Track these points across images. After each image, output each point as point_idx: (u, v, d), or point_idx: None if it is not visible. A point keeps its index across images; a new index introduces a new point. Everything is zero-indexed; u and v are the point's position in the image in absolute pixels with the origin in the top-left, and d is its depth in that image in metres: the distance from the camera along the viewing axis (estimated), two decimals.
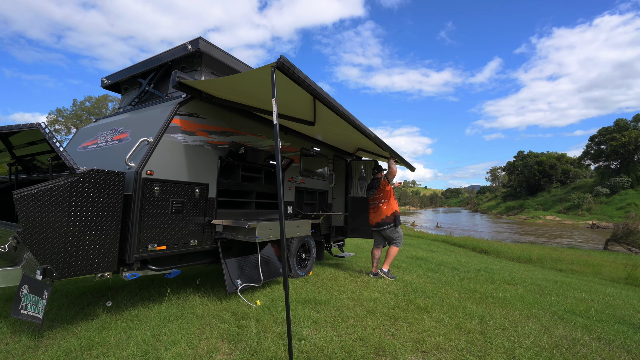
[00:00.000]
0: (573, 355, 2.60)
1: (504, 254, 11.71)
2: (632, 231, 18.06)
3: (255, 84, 2.96)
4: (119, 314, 3.10)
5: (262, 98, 3.35)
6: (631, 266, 9.36)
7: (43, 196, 2.32)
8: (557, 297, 4.68)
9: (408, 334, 2.84)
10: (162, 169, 3.09)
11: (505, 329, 3.09)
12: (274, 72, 2.12)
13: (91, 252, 2.58)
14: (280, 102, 3.45)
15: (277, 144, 2.10)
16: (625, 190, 46.57)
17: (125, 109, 4.47)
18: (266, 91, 3.06)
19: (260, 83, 2.83)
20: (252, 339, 2.59)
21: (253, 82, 2.90)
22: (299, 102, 3.23)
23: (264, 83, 2.78)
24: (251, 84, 2.98)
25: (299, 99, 3.15)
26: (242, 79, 2.93)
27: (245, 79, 2.90)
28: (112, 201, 2.72)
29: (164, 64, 4.06)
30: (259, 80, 2.78)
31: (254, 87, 3.06)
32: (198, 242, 3.45)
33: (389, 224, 5.25)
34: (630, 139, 50.05)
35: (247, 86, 3.07)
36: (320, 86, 2.81)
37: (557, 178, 64.17)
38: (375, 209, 5.40)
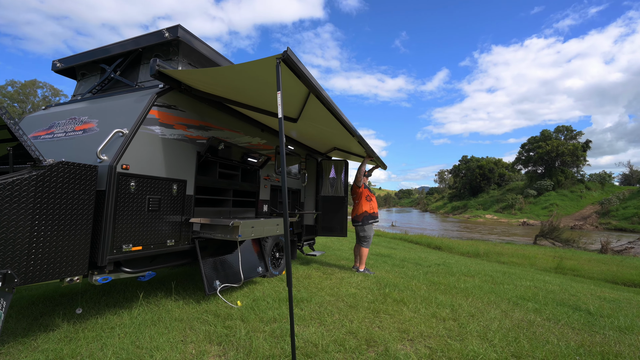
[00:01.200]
0: (532, 334, 2.95)
1: (456, 249, 12.71)
2: (555, 228, 20.83)
3: (244, 77, 2.88)
4: (83, 322, 2.80)
5: (249, 92, 3.27)
6: (558, 258, 10.78)
7: (3, 190, 2.02)
8: (508, 285, 5.24)
9: (392, 324, 2.99)
10: (139, 163, 2.87)
11: (473, 316, 3.39)
12: (279, 65, 2.10)
13: (59, 254, 2.31)
14: (266, 97, 3.39)
15: (282, 139, 2.07)
16: (549, 192, 53.30)
17: (84, 96, 4.04)
18: (255, 85, 3.00)
19: (251, 76, 2.76)
20: (243, 339, 2.52)
21: (243, 75, 2.82)
22: (288, 97, 3.20)
23: (255, 76, 2.72)
24: (240, 76, 2.89)
25: (290, 94, 3.13)
26: (229, 71, 2.84)
27: (234, 71, 2.81)
28: (83, 197, 2.46)
29: (133, 50, 3.74)
30: (250, 73, 2.72)
31: (242, 80, 2.97)
32: (175, 241, 3.25)
33: (358, 222, 5.60)
34: (553, 148, 57.48)
35: (235, 79, 2.98)
36: None
37: (494, 181, 71.18)
38: (353, 207, 5.73)
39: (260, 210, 4.82)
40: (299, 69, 2.38)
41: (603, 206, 42.40)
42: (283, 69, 2.39)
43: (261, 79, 2.78)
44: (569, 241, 19.49)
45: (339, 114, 3.42)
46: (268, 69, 2.44)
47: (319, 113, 3.54)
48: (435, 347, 2.52)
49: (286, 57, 2.17)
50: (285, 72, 2.46)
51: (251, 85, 2.97)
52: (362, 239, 5.55)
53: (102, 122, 3.10)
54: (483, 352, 2.44)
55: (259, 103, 3.59)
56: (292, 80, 2.67)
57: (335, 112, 3.35)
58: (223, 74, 2.86)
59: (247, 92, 3.24)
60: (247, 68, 2.59)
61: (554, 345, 2.66)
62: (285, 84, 2.72)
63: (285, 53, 2.16)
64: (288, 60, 2.22)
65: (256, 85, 3.00)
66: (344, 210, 6.79)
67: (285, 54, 2.16)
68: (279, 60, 2.12)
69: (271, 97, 3.18)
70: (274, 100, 3.40)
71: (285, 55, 2.16)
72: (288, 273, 2.11)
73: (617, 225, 34.99)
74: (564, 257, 10.90)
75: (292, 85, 2.81)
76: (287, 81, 2.67)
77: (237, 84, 3.08)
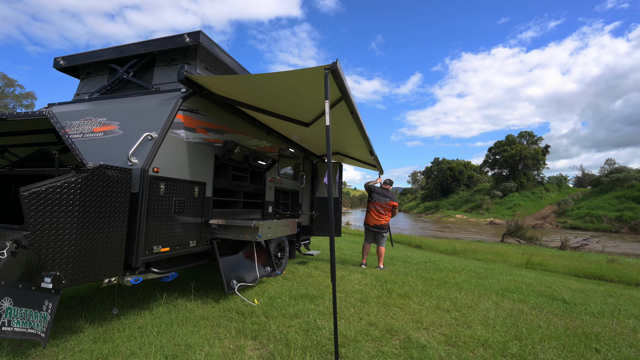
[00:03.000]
0: (524, 320, 3.35)
1: (435, 248, 13.39)
2: (520, 227, 22.48)
3: (275, 84, 3.03)
4: (109, 323, 2.83)
5: (272, 99, 3.41)
6: (527, 254, 11.72)
7: (53, 194, 2.06)
8: (491, 280, 5.73)
9: (404, 316, 3.27)
10: (167, 167, 2.94)
11: (471, 307, 3.76)
12: (327, 75, 2.29)
13: (100, 256, 2.36)
14: (282, 102, 3.53)
15: (329, 146, 2.27)
16: (513, 193, 56.96)
17: (92, 96, 3.98)
18: (282, 92, 3.15)
19: (284, 84, 2.92)
20: (276, 333, 2.69)
21: (273, 82, 2.97)
22: (311, 103, 3.38)
23: (287, 84, 2.88)
24: (270, 83, 3.04)
25: (315, 101, 3.29)
26: (259, 79, 2.97)
27: (264, 79, 2.96)
28: (119, 200, 2.51)
29: (148, 52, 3.76)
30: (285, 81, 2.87)
31: (269, 88, 3.12)
32: (196, 242, 3.34)
33: (386, 230, 6.23)
34: (516, 152, 61.49)
35: (262, 86, 3.12)
36: None
37: (464, 182, 74.86)
38: (379, 215, 6.19)
39: (265, 211, 4.96)
40: (342, 79, 2.58)
41: (560, 206, 46.01)
42: (315, 76, 2.58)
43: (292, 86, 2.96)
44: (532, 239, 21.08)
45: (362, 126, 3.66)
46: (307, 78, 2.62)
47: (340, 121, 3.76)
48: (449, 334, 2.83)
49: (335, 68, 2.37)
50: (317, 80, 2.65)
51: (278, 92, 3.13)
52: (382, 241, 6.25)
53: (125, 124, 3.13)
54: (490, 336, 2.78)
55: (281, 109, 3.75)
56: (321, 88, 2.86)
57: (360, 124, 3.58)
58: (253, 80, 3.00)
59: (270, 98, 3.38)
60: (287, 76, 2.74)
61: (545, 329, 3.06)
62: (313, 91, 2.91)
63: (334, 64, 2.36)
64: (335, 71, 2.41)
65: (285, 92, 3.15)
66: (339, 211, 7.06)
67: (334, 65, 2.36)
68: (328, 71, 2.32)
69: (294, 103, 3.35)
70: (290, 104, 3.57)
71: (334, 67, 2.36)
72: (332, 269, 2.31)
73: (572, 224, 38.16)
74: (531, 254, 11.86)
75: (321, 93, 2.99)
76: (317, 89, 2.86)
77: (263, 91, 3.23)
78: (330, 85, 2.78)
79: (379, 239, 6.24)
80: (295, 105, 3.49)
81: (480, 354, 2.44)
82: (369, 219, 6.22)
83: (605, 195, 41.58)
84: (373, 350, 2.46)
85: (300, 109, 3.63)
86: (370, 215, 6.22)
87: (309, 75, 2.57)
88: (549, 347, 2.63)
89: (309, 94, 3.07)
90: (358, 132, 4.06)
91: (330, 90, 2.85)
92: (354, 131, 4.07)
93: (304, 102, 3.36)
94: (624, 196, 38.39)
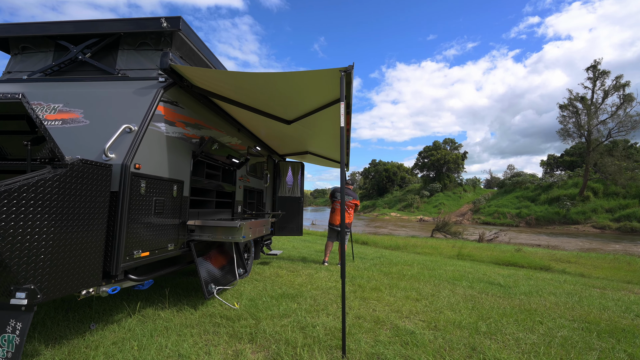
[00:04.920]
0: (479, 303, 3.87)
1: (380, 244, 14.30)
2: (446, 223, 25.38)
3: (272, 84, 2.97)
4: (68, 343, 2.46)
5: (259, 96, 3.33)
6: (457, 247, 13.30)
7: (27, 192, 1.73)
8: (439, 270, 6.42)
9: (384, 307, 3.51)
10: (147, 163, 2.67)
11: (434, 295, 4.19)
12: (343, 77, 2.35)
13: (77, 264, 2.05)
14: (269, 99, 3.47)
15: (342, 147, 2.33)
16: (438, 193, 63.63)
17: (32, 76, 3.36)
18: (277, 91, 3.10)
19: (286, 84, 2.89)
20: (273, 333, 2.66)
21: (273, 82, 2.92)
22: (305, 102, 3.38)
23: (290, 84, 2.86)
24: (265, 81, 2.97)
25: (310, 99, 3.30)
26: (262, 77, 2.88)
27: (266, 78, 2.88)
28: (98, 200, 2.21)
29: (112, 33, 3.32)
30: (287, 81, 2.84)
31: (258, 85, 3.05)
32: (174, 245, 3.08)
33: (349, 228, 6.47)
34: (441, 156, 68.92)
35: (255, 83, 3.04)
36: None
37: (397, 183, 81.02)
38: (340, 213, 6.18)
39: (235, 211, 4.77)
40: (351, 81, 2.65)
41: (475, 205, 52.95)
42: (322, 78, 2.63)
43: (292, 86, 2.94)
44: (456, 233, 24.00)
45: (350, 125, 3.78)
46: (315, 78, 2.64)
47: (328, 120, 3.82)
48: (427, 319, 3.14)
49: (350, 72, 2.43)
50: (323, 80, 2.69)
51: (273, 90, 3.07)
52: (346, 239, 6.25)
53: (91, 113, 2.74)
54: (461, 318, 3.17)
55: (264, 106, 3.66)
56: (324, 89, 2.90)
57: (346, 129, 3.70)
58: (250, 78, 2.90)
59: (258, 95, 3.30)
60: (294, 77, 2.72)
61: (499, 309, 3.60)
62: (314, 92, 2.93)
63: (351, 67, 2.42)
64: (349, 75, 2.48)
65: (280, 91, 3.11)
66: (300, 210, 7.12)
67: (350, 68, 2.42)
68: (344, 73, 2.38)
69: (284, 101, 3.33)
70: (284, 105, 3.54)
71: (350, 70, 2.42)
72: (342, 267, 2.38)
73: (484, 220, 44.22)
74: (459, 247, 13.50)
75: (321, 93, 3.03)
76: (320, 89, 2.89)
77: (251, 87, 3.13)
78: (336, 86, 2.83)
79: (341, 237, 6.49)
80: (284, 103, 3.46)
81: (459, 334, 2.78)
82: (334, 218, 6.40)
83: (508, 196, 49.15)
84: (371, 340, 2.61)
85: (287, 107, 3.61)
86: (335, 215, 6.41)
87: (320, 76, 2.60)
88: (507, 323, 3.11)
89: (308, 94, 3.09)
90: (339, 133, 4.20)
91: (335, 90, 2.91)
92: (337, 130, 4.18)
93: (297, 101, 3.36)
94: (522, 196, 45.90)
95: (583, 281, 6.30)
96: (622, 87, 36.09)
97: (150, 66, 3.34)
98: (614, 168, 34.63)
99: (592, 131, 37.70)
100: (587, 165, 37.92)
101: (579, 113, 38.84)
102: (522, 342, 2.64)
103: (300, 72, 2.63)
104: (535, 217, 37.88)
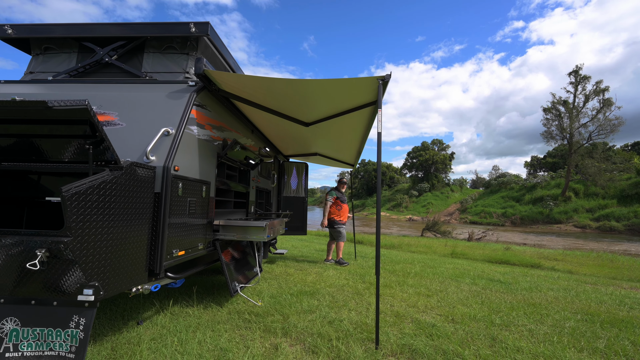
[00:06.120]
0: (486, 298, 4.11)
1: (374, 243, 14.59)
2: (436, 222, 25.99)
3: (294, 88, 3.10)
4: (108, 340, 2.53)
5: (283, 99, 3.45)
6: (450, 246, 13.70)
7: (92, 194, 1.82)
8: (440, 268, 6.67)
9: (400, 303, 3.69)
10: (183, 165, 2.76)
11: (442, 291, 4.41)
12: (381, 85, 2.51)
13: (130, 262, 2.14)
14: (293, 102, 3.59)
15: (379, 152, 2.48)
16: (426, 193, 64.80)
17: (57, 77, 3.38)
18: (299, 94, 3.23)
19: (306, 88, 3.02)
20: (305, 328, 2.79)
21: (298, 86, 3.04)
22: (330, 106, 3.51)
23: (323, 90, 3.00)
24: (290, 86, 3.09)
25: (337, 104, 3.44)
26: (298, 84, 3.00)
27: (274, 83, 3.01)
28: (145, 201, 2.30)
29: (139, 36, 3.38)
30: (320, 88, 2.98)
31: (289, 90, 3.17)
32: (203, 245, 3.18)
33: (344, 224, 6.58)
34: (430, 156, 70.21)
35: (281, 88, 3.15)
36: None
37: (386, 182, 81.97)
38: (341, 213, 6.47)
39: (249, 210, 4.87)
40: (385, 90, 2.81)
41: (462, 205, 54.21)
42: (355, 85, 2.78)
43: (325, 92, 3.08)
44: (446, 233, 24.60)
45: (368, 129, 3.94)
46: (350, 85, 2.78)
47: (345, 127, 3.97)
48: (444, 314, 3.34)
49: (388, 80, 2.59)
50: (355, 87, 2.84)
51: (300, 94, 3.20)
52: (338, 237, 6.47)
53: (126, 115, 2.81)
54: (475, 312, 3.38)
55: (286, 109, 3.78)
56: (353, 94, 3.04)
57: (369, 128, 3.86)
58: (280, 84, 3.02)
59: (283, 98, 3.41)
60: (329, 84, 2.85)
61: (506, 303, 3.84)
62: (344, 96, 3.08)
63: (388, 76, 2.58)
64: (386, 84, 2.63)
65: (304, 95, 3.24)
66: (305, 210, 7.26)
67: (388, 77, 2.58)
68: (381, 82, 2.54)
69: (308, 105, 3.47)
70: (309, 108, 3.67)
71: (388, 79, 2.58)
72: (377, 265, 2.54)
73: (471, 220, 45.36)
74: (452, 246, 13.90)
75: (349, 99, 3.17)
76: (348, 94, 3.04)
77: (284, 92, 3.25)
78: (371, 92, 2.98)
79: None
80: (309, 106, 3.58)
81: (476, 326, 2.98)
82: (336, 215, 6.56)
83: (494, 196, 50.55)
84: (397, 332, 2.78)
85: (311, 110, 3.72)
86: (340, 213, 6.57)
87: (354, 83, 2.75)
88: (517, 316, 3.34)
89: (337, 99, 3.23)
90: (360, 136, 4.35)
91: (368, 96, 3.05)
92: (357, 134, 4.34)
93: (323, 105, 3.49)
94: (507, 196, 47.31)
95: (574, 278, 6.68)
96: (602, 91, 37.69)
97: (175, 69, 3.42)
98: (594, 170, 36.14)
99: (573, 134, 39.23)
100: (569, 166, 39.42)
101: (562, 116, 40.34)
102: (535, 332, 2.86)
103: (337, 80, 2.77)
104: (520, 217, 39.10)
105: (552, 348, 2.51)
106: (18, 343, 1.86)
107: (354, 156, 6.35)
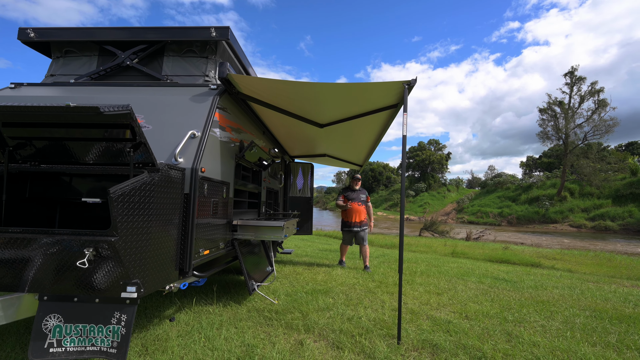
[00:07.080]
0: (495, 295, 4.22)
1: (375, 243, 14.68)
2: (434, 222, 26.19)
3: (316, 91, 3.18)
4: (144, 332, 2.60)
5: (302, 102, 3.53)
6: (450, 246, 13.85)
7: (134, 195, 1.89)
8: (445, 267, 6.79)
9: (413, 300, 3.79)
10: (208, 167, 2.83)
11: (452, 290, 4.51)
12: (406, 89, 2.60)
13: (164, 261, 2.21)
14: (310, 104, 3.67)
15: (404, 155, 2.57)
16: (423, 193, 65.21)
17: (79, 80, 3.43)
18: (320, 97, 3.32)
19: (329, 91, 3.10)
20: (326, 325, 2.87)
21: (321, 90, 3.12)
22: (348, 107, 3.59)
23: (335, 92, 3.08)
24: (312, 90, 3.17)
25: (355, 105, 3.52)
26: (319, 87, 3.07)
27: (295, 87, 3.09)
28: (176, 201, 2.37)
29: (160, 40, 3.44)
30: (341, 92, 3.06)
31: (310, 93, 3.25)
32: (223, 244, 3.25)
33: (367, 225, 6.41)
34: (426, 157, 70.64)
35: (302, 91, 3.24)
36: None
37: (383, 182, 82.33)
38: (359, 214, 6.27)
39: (260, 211, 4.94)
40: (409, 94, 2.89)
41: (459, 204, 54.61)
42: (378, 88, 2.87)
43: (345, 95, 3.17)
44: (444, 232, 24.82)
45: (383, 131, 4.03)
46: (372, 89, 2.87)
47: (360, 129, 4.06)
48: (457, 311, 3.44)
49: (413, 85, 2.68)
50: (378, 91, 2.93)
51: (320, 97, 3.28)
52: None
53: (152, 118, 2.88)
54: (487, 309, 3.49)
55: (303, 111, 3.86)
56: (374, 98, 3.13)
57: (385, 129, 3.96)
58: (304, 88, 3.10)
59: (302, 101, 3.50)
60: (357, 88, 2.93)
61: (515, 301, 3.95)
62: (365, 100, 3.17)
63: (414, 81, 2.66)
64: (411, 88, 2.72)
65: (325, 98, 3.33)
66: (310, 210, 7.35)
67: (414, 81, 2.67)
68: (407, 86, 2.63)
69: (326, 107, 3.55)
70: (326, 109, 3.75)
71: (414, 84, 2.67)
72: (400, 264, 2.62)
73: (468, 219, 45.73)
74: (450, 245, 14.05)
75: (370, 102, 3.25)
76: (369, 98, 3.12)
77: (304, 95, 3.33)
78: (392, 96, 3.06)
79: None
80: (328, 109, 3.66)
81: (490, 323, 3.09)
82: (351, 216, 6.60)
83: (490, 195, 50.99)
84: (416, 329, 2.88)
85: (328, 112, 3.80)
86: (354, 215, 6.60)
87: (378, 87, 2.84)
88: (528, 312, 3.46)
89: (358, 102, 3.32)
90: (374, 137, 4.44)
91: (389, 99, 3.14)
92: (371, 136, 4.43)
93: (343, 107, 3.57)
94: (503, 196, 47.75)
95: (576, 276, 6.83)
96: (597, 92, 38.20)
97: (195, 72, 3.49)
98: (589, 170, 36.62)
99: (569, 134, 39.71)
100: (564, 166, 39.91)
101: (557, 117, 40.81)
102: (547, 328, 2.98)
103: (361, 84, 2.85)
104: (516, 217, 39.50)
105: (566, 343, 2.62)
106: (61, 339, 1.93)
107: (363, 157, 6.42)
